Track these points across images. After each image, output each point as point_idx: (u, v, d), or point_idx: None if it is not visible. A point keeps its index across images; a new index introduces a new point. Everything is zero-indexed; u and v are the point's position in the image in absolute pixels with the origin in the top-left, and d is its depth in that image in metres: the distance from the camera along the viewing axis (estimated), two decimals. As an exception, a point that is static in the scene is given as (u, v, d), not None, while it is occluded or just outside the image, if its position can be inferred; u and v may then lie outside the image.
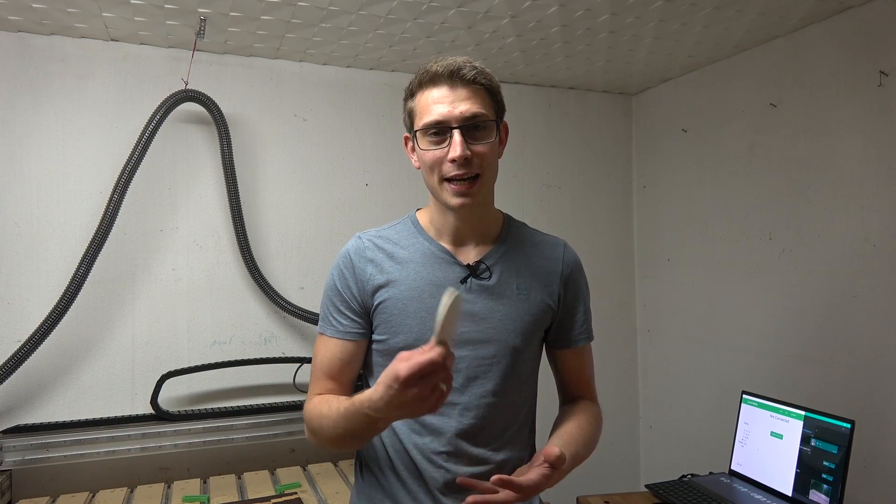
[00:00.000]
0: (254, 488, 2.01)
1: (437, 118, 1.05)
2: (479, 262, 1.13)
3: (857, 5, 1.97)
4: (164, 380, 2.14)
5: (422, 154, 1.08)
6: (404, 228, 1.18)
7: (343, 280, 1.14)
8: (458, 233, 1.14)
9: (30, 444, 2.01)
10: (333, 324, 1.14)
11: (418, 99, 1.09)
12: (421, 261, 1.13)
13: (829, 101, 2.07)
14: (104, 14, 1.99)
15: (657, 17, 2.04)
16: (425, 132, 1.07)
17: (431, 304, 1.09)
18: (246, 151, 2.37)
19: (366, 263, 1.13)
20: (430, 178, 1.09)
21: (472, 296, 1.11)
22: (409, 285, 1.11)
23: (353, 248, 1.16)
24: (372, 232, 1.18)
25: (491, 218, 1.18)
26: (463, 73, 1.05)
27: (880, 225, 1.93)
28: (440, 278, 1.11)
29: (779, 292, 2.26)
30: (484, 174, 1.07)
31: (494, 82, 1.10)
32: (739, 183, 2.42)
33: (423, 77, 1.08)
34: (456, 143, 1.03)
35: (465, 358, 1.10)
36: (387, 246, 1.15)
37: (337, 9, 1.97)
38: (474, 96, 1.06)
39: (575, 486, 2.79)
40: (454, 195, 1.06)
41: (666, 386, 2.84)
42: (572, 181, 2.93)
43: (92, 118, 2.19)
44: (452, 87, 1.05)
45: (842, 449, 1.68)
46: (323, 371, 1.15)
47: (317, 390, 1.14)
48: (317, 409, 1.09)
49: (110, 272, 2.19)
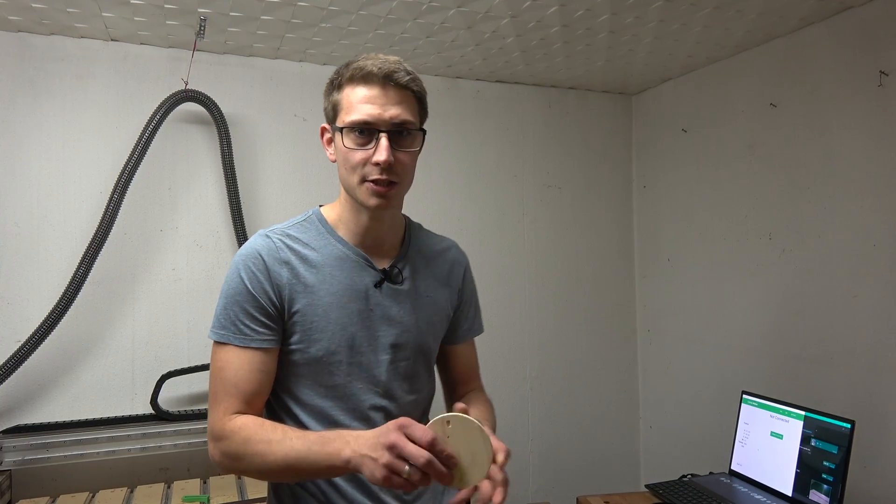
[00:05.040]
0: (254, 488, 2.01)
1: (366, 118, 1.01)
2: (392, 266, 1.13)
3: (857, 5, 1.97)
4: (164, 380, 2.14)
5: (344, 152, 1.04)
6: (312, 228, 1.11)
7: (256, 282, 1.03)
8: (370, 234, 1.11)
9: (30, 444, 2.01)
10: (246, 332, 1.02)
11: (346, 93, 1.05)
12: (336, 265, 1.08)
13: (829, 101, 2.07)
14: (104, 14, 1.99)
15: (657, 17, 2.04)
16: (351, 130, 1.03)
17: (350, 308, 1.07)
18: (246, 151, 2.37)
19: (280, 266, 1.05)
20: (350, 177, 1.05)
21: (386, 300, 1.11)
22: (327, 290, 1.06)
23: (263, 247, 1.06)
24: (277, 229, 1.10)
25: (398, 222, 1.17)
26: (397, 76, 1.03)
27: (880, 224, 1.93)
28: (356, 283, 1.08)
29: (779, 292, 2.26)
30: (402, 182, 1.06)
31: (424, 90, 1.09)
32: (739, 183, 2.42)
33: (356, 73, 1.03)
34: (382, 148, 1.01)
35: (384, 362, 1.10)
36: (298, 247, 1.08)
37: (337, 9, 1.97)
38: (404, 102, 1.04)
39: (575, 486, 2.79)
40: (372, 195, 1.03)
41: (666, 386, 2.84)
42: (572, 181, 2.93)
43: (92, 118, 2.19)
44: (384, 89, 1.02)
45: (842, 449, 1.68)
46: (236, 387, 1.01)
47: (230, 410, 1.01)
48: (255, 433, 0.97)
49: (110, 272, 2.19)
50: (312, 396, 1.07)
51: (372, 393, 1.09)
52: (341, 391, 1.07)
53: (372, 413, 1.09)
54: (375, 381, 1.09)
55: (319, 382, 1.07)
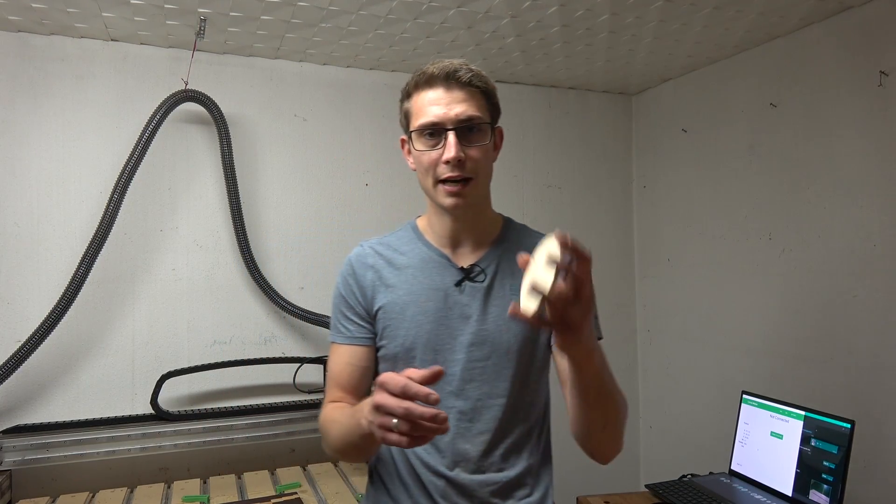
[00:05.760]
0: (254, 488, 2.01)
1: (433, 119, 1.05)
2: (473, 264, 1.13)
3: (857, 5, 1.97)
4: (164, 380, 2.14)
5: (417, 155, 1.09)
6: (405, 235, 1.19)
7: (347, 286, 1.16)
8: (454, 235, 1.14)
9: (30, 444, 2.01)
10: (342, 330, 1.16)
11: (414, 100, 1.09)
12: (418, 265, 1.14)
13: (829, 101, 2.07)
14: (104, 14, 1.99)
15: (657, 17, 2.04)
16: (421, 133, 1.07)
17: (427, 307, 1.10)
18: (246, 151, 2.37)
19: (366, 269, 1.15)
20: (426, 181, 1.10)
21: (465, 298, 1.11)
22: (406, 290, 1.12)
23: (354, 255, 1.18)
24: (374, 240, 1.20)
25: (487, 220, 1.18)
26: (459, 75, 1.06)
27: (880, 225, 1.93)
28: (436, 282, 1.12)
29: (779, 292, 2.26)
30: (477, 177, 1.08)
31: (491, 85, 1.10)
32: (739, 183, 2.42)
33: (420, 79, 1.08)
34: (450, 145, 1.04)
35: (460, 361, 1.09)
36: (387, 252, 1.16)
37: (337, 9, 1.97)
38: (470, 99, 1.07)
39: (575, 486, 2.79)
40: (447, 196, 1.07)
41: (666, 386, 2.84)
42: (572, 181, 2.93)
43: (92, 118, 2.19)
44: (448, 88, 1.06)
45: (842, 449, 1.68)
46: (334, 379, 1.16)
47: (329, 399, 1.16)
48: (328, 416, 1.10)
49: (110, 272, 2.19)
50: None
51: (445, 393, 1.08)
52: None
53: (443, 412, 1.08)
54: (449, 380, 1.09)
55: None
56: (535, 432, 1.16)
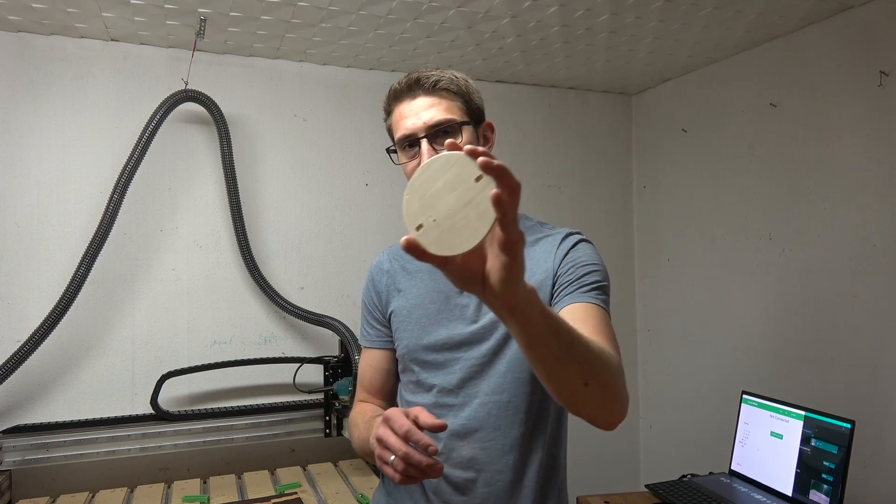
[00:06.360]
0: (254, 488, 2.01)
1: (405, 132, 1.08)
2: None
3: (857, 5, 1.97)
4: (164, 380, 2.14)
5: (402, 168, 1.12)
6: None
7: (367, 292, 1.24)
8: None
9: (30, 444, 2.01)
10: (365, 335, 1.24)
11: (392, 117, 1.13)
12: (428, 270, 1.15)
13: (829, 102, 2.07)
14: (104, 14, 1.99)
15: (657, 17, 2.04)
16: (401, 147, 1.10)
17: (430, 309, 1.13)
18: (246, 151, 2.37)
19: (382, 275, 1.22)
20: None
21: (465, 299, 1.12)
22: (415, 294, 1.16)
23: (374, 262, 1.26)
24: (395, 245, 1.23)
25: None
26: (422, 82, 1.08)
27: (880, 225, 1.93)
28: (440, 285, 1.14)
29: (779, 292, 2.26)
30: None
31: (461, 85, 1.10)
32: (739, 183, 2.42)
33: (390, 96, 1.12)
34: (423, 153, 1.06)
35: (460, 359, 1.10)
36: (403, 257, 1.21)
37: (337, 9, 1.97)
38: (438, 103, 1.08)
39: (575, 486, 2.79)
40: None
41: (666, 386, 2.84)
42: (572, 181, 2.92)
43: (92, 118, 2.19)
44: (413, 97, 1.09)
45: (842, 449, 1.68)
46: (360, 381, 1.25)
47: (357, 399, 1.26)
48: (353, 419, 1.19)
49: (110, 272, 2.19)
50: (405, 393, 1.19)
51: (445, 392, 1.11)
52: (422, 388, 1.14)
53: (442, 412, 1.10)
54: (448, 379, 1.11)
55: (409, 379, 1.17)
56: (541, 437, 1.14)
